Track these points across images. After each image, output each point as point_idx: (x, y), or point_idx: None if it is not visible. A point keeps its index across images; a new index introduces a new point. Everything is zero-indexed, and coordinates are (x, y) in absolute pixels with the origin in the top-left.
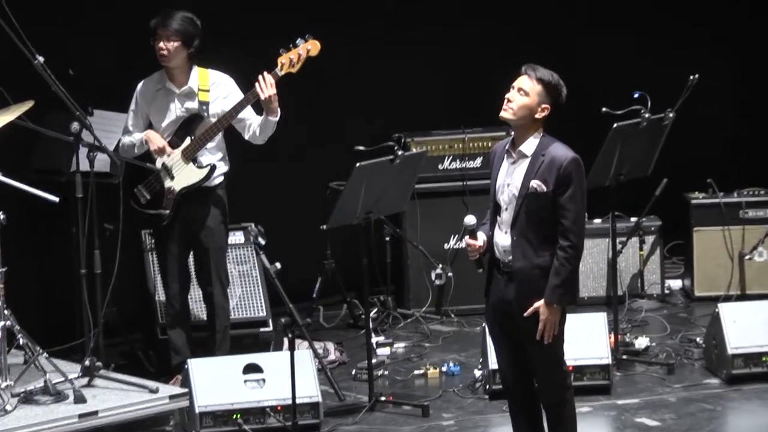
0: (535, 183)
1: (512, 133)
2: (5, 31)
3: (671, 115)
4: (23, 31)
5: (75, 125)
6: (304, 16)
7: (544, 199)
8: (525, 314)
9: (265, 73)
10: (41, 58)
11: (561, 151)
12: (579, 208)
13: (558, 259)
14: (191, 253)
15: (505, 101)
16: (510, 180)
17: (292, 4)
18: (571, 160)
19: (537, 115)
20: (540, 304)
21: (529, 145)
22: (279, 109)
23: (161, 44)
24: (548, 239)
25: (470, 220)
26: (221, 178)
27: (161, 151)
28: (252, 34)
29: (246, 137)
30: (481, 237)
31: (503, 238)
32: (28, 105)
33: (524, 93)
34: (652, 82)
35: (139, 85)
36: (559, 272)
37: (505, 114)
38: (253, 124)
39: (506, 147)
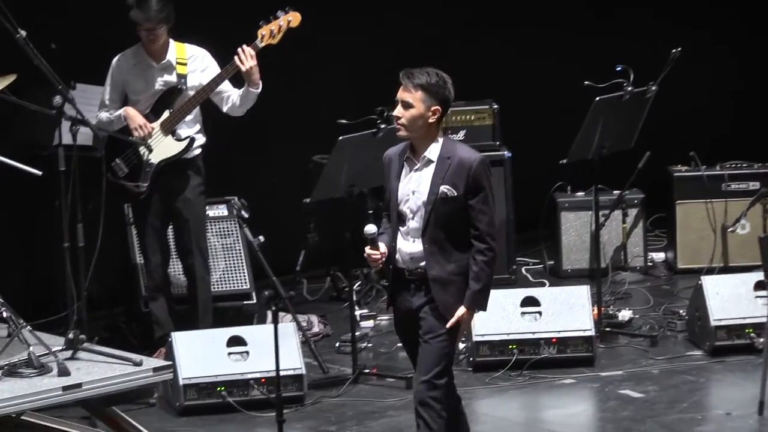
0: (444, 188)
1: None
2: None
3: (654, 88)
4: (5, 4)
5: (57, 99)
6: None
7: (454, 204)
8: (448, 326)
9: (245, 46)
10: (23, 32)
11: (467, 154)
12: (491, 209)
13: (477, 264)
14: (170, 225)
15: (394, 120)
16: (416, 187)
17: None
18: (479, 161)
19: (430, 120)
20: (462, 312)
21: (433, 151)
22: (260, 81)
23: (150, 34)
24: (460, 244)
25: (370, 229)
26: (199, 150)
27: (142, 128)
28: (232, 6)
29: (224, 110)
30: (383, 246)
31: (410, 246)
32: (10, 79)
33: (407, 105)
34: (635, 55)
35: (115, 60)
36: (479, 277)
37: (400, 133)
38: (232, 96)
39: (406, 154)
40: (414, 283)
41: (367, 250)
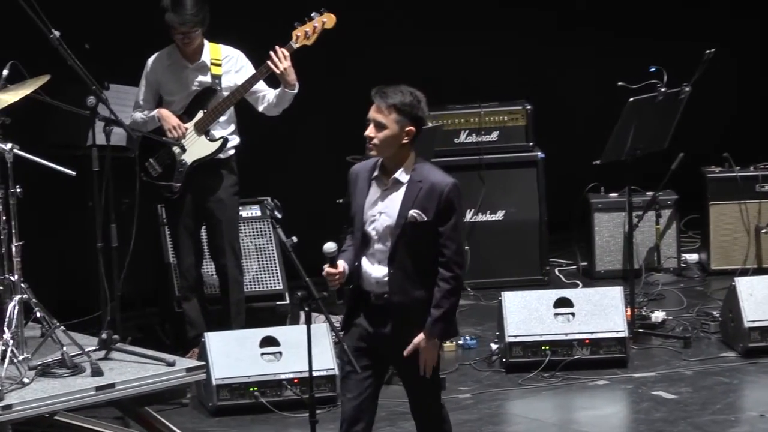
0: (414, 212)
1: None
2: (21, 6)
3: (687, 89)
4: (39, 5)
5: (91, 99)
6: None
7: (423, 229)
8: (405, 353)
9: (278, 48)
10: (57, 33)
11: (439, 177)
12: (461, 237)
13: (440, 291)
14: (203, 225)
15: (367, 139)
16: (384, 209)
17: None
18: (451, 186)
19: (404, 141)
20: (419, 339)
21: (404, 172)
22: (296, 82)
23: (185, 38)
24: (426, 271)
25: (330, 247)
26: (233, 151)
27: (176, 129)
28: (267, 8)
29: (260, 109)
30: (342, 264)
31: (376, 270)
32: (44, 79)
33: (380, 125)
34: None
35: (150, 60)
36: (441, 305)
37: (372, 153)
38: (267, 96)
39: (374, 173)
40: (380, 308)
41: (326, 268)
